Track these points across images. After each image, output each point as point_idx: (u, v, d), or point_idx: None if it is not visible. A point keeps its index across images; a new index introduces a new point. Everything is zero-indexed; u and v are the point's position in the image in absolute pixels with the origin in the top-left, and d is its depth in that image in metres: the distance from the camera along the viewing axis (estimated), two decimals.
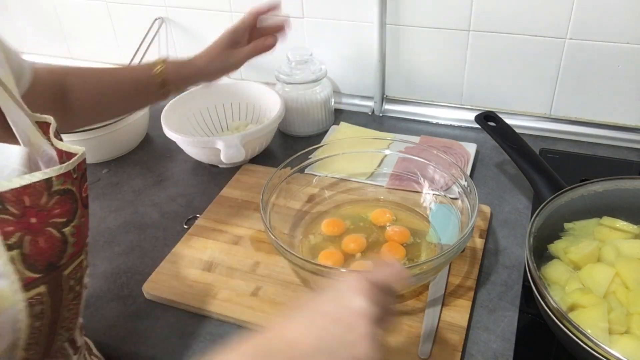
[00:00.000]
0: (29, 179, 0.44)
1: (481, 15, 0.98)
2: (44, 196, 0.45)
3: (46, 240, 0.45)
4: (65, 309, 0.50)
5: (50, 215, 0.46)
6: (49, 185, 0.46)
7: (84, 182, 0.51)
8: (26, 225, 0.44)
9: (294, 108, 1.06)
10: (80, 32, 1.38)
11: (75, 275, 0.50)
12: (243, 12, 1.17)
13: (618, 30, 0.91)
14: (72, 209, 0.48)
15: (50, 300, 0.46)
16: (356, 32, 1.09)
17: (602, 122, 1.01)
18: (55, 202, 0.46)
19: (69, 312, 0.51)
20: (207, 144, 0.94)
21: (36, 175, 0.45)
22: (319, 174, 0.88)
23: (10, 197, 0.43)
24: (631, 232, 0.70)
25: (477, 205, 0.71)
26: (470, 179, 0.75)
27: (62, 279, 0.48)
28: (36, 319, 0.45)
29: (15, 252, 0.43)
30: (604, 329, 0.57)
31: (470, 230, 0.68)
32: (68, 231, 0.47)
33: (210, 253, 0.80)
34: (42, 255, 0.45)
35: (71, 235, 0.48)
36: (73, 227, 0.48)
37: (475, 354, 0.65)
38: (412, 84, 1.12)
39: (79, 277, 0.51)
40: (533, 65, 1.00)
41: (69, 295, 0.49)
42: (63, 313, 0.50)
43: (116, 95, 0.82)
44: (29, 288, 0.44)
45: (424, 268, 0.66)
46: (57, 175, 0.46)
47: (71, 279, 0.49)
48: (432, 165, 0.84)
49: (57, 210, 0.46)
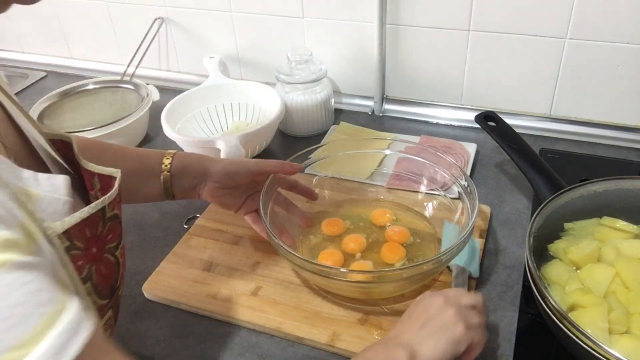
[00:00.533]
0: (88, 211, 0.45)
1: (481, 15, 0.98)
2: (100, 225, 0.46)
3: (106, 267, 0.47)
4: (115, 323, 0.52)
5: (105, 242, 0.47)
6: (103, 213, 0.47)
7: (120, 203, 0.52)
8: (90, 256, 0.45)
9: (294, 108, 1.06)
10: (80, 32, 1.38)
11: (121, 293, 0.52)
12: (243, 12, 1.17)
13: (618, 30, 0.91)
14: (120, 231, 0.50)
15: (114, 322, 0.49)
16: (356, 32, 1.09)
17: (602, 122, 1.01)
18: (108, 229, 0.48)
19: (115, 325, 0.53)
20: (207, 144, 0.94)
21: (92, 206, 0.46)
22: (319, 173, 0.88)
23: (75, 233, 0.43)
24: (631, 232, 0.70)
25: (477, 205, 0.71)
26: (471, 179, 0.75)
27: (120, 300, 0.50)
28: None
29: (88, 284, 0.45)
30: (604, 329, 0.57)
31: (470, 230, 0.68)
32: (119, 253, 0.49)
33: (210, 253, 0.80)
34: (106, 281, 0.46)
35: (120, 257, 0.49)
36: (121, 249, 0.50)
37: None
38: (412, 84, 1.11)
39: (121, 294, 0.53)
40: (533, 65, 1.00)
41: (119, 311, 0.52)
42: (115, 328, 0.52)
43: None
44: (102, 315, 0.46)
45: (424, 268, 0.66)
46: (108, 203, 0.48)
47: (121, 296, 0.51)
48: (432, 165, 0.84)
49: (110, 236, 0.48)
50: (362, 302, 0.70)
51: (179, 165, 0.73)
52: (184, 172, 0.74)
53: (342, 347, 0.66)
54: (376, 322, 0.68)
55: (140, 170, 0.73)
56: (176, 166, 0.73)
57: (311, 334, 0.67)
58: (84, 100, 1.13)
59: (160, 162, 0.73)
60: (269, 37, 1.17)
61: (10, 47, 1.50)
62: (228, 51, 1.23)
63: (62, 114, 1.08)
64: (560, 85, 1.00)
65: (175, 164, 0.73)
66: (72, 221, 0.43)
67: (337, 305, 0.71)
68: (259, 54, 1.21)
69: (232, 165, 0.75)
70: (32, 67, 1.45)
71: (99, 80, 1.16)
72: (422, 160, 0.85)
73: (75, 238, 0.43)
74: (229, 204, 0.78)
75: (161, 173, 0.73)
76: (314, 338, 0.67)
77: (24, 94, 1.34)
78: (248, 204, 0.78)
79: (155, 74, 1.32)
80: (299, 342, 0.68)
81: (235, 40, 1.21)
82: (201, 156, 0.76)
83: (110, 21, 1.31)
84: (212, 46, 1.24)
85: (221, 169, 0.74)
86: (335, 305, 0.71)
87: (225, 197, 0.76)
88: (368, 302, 0.70)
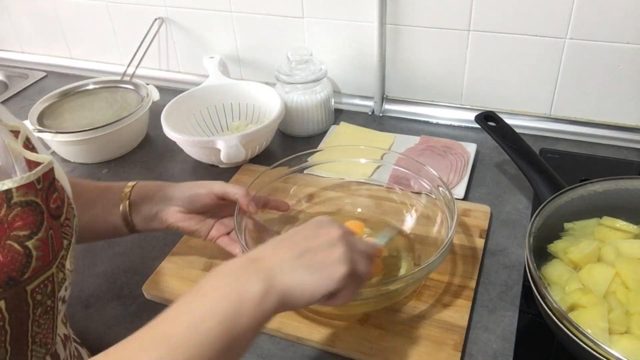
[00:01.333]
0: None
1: (481, 15, 0.98)
2: (3, 208, 0.43)
3: (6, 254, 0.43)
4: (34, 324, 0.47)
5: (11, 228, 0.44)
6: (8, 197, 0.44)
7: (52, 193, 0.49)
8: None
9: (294, 108, 1.06)
10: (80, 32, 1.38)
11: (43, 290, 0.47)
12: (243, 12, 1.17)
13: (618, 30, 0.91)
14: (37, 220, 0.45)
15: (10, 316, 0.44)
16: (356, 32, 1.09)
17: (602, 122, 1.01)
18: (17, 214, 0.44)
19: (39, 327, 0.48)
20: (207, 144, 0.94)
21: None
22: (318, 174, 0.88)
23: None
24: (631, 232, 0.70)
25: (456, 217, 0.68)
26: (450, 191, 0.73)
27: (27, 294, 0.45)
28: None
29: None
30: (604, 329, 0.57)
31: (449, 242, 0.65)
32: (32, 244, 0.45)
33: (210, 253, 0.80)
34: (1, 269, 0.43)
35: (35, 249, 0.45)
36: (38, 240, 0.45)
37: (475, 354, 0.65)
38: (412, 84, 1.12)
39: (49, 291, 0.48)
40: (533, 65, 1.00)
41: (38, 309, 0.47)
42: (32, 329, 0.47)
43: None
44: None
45: (402, 284, 0.63)
46: (17, 187, 0.44)
47: (38, 293, 0.46)
48: (413, 175, 0.81)
49: (18, 222, 0.44)
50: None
51: (139, 192, 0.72)
52: (144, 199, 0.72)
53: (342, 348, 0.66)
54: (376, 322, 0.68)
55: (101, 200, 0.71)
56: (136, 193, 0.72)
57: (311, 334, 0.67)
58: (84, 100, 1.13)
59: (121, 192, 0.72)
60: (269, 37, 1.17)
61: (10, 47, 1.50)
62: (228, 51, 1.23)
63: (62, 114, 1.08)
64: (560, 85, 1.00)
65: (135, 191, 0.72)
66: None
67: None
68: (259, 54, 1.21)
69: (193, 187, 0.72)
70: (32, 67, 1.45)
71: (99, 80, 1.16)
72: (404, 170, 0.82)
73: None
74: (196, 229, 0.74)
75: (121, 202, 0.71)
76: (314, 338, 0.67)
77: (24, 94, 1.34)
78: (217, 228, 0.75)
79: (155, 74, 1.32)
80: (299, 342, 0.68)
81: (235, 40, 1.21)
82: (162, 183, 0.74)
83: (110, 21, 1.31)
84: (212, 46, 1.24)
85: (182, 191, 0.72)
86: None
87: (191, 221, 0.73)
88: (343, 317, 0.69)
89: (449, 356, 0.64)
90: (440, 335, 0.66)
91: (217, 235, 0.75)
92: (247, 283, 0.44)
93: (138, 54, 1.23)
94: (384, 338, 0.66)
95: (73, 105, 1.11)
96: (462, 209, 0.85)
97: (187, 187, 0.73)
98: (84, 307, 0.75)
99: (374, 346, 0.65)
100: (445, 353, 0.64)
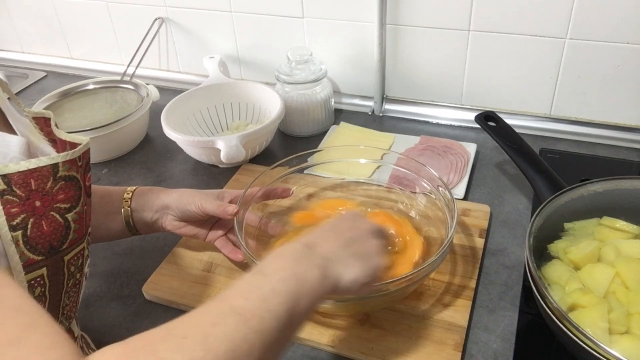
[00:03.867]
0: (37, 162, 0.46)
1: (481, 15, 0.98)
2: (50, 181, 0.46)
3: (49, 224, 0.46)
4: (66, 295, 0.51)
5: (55, 200, 0.47)
6: (55, 170, 0.47)
7: (87, 171, 0.52)
8: (31, 208, 0.45)
9: (294, 108, 1.06)
10: (80, 32, 1.38)
11: (76, 262, 0.50)
12: (243, 12, 1.17)
13: (618, 30, 0.91)
14: (76, 195, 0.49)
15: (50, 283, 0.47)
16: (356, 32, 1.09)
17: (602, 122, 1.01)
18: (60, 188, 0.47)
19: (69, 299, 0.52)
20: (207, 144, 0.94)
21: (43, 160, 0.46)
22: (318, 174, 0.88)
23: (17, 180, 0.44)
24: (631, 232, 0.70)
25: (456, 217, 0.69)
26: (451, 191, 0.73)
27: (64, 264, 0.49)
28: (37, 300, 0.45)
29: (18, 233, 0.44)
30: (604, 329, 0.57)
31: (449, 242, 0.65)
32: (71, 217, 0.48)
33: (210, 253, 0.80)
34: (44, 238, 0.46)
35: (73, 222, 0.49)
36: (76, 214, 0.49)
37: (475, 354, 0.65)
38: (412, 84, 1.12)
39: (79, 264, 0.51)
40: (533, 65, 1.00)
41: (70, 281, 0.50)
42: (64, 299, 0.51)
43: None
44: (31, 270, 0.45)
45: (402, 284, 0.63)
46: (63, 162, 0.48)
47: (72, 265, 0.50)
48: (414, 175, 0.81)
49: (61, 195, 0.47)
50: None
51: (138, 199, 0.73)
52: (144, 206, 0.73)
53: (342, 348, 0.66)
54: (376, 322, 0.68)
55: (102, 206, 0.72)
56: (136, 200, 0.73)
57: (311, 334, 0.67)
58: (84, 100, 1.13)
59: (121, 198, 0.73)
60: (269, 37, 1.17)
61: (10, 47, 1.50)
62: (228, 51, 1.23)
63: (62, 114, 1.08)
64: (560, 85, 1.00)
65: (135, 199, 0.73)
66: (16, 167, 0.44)
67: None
68: (259, 54, 1.21)
69: (185, 203, 0.73)
70: (32, 67, 1.45)
71: (99, 80, 1.16)
72: (404, 170, 0.82)
73: (15, 185, 0.44)
74: (195, 234, 0.76)
75: (122, 208, 0.73)
76: (314, 338, 0.67)
77: (24, 94, 1.34)
78: (215, 231, 0.77)
79: (155, 74, 1.32)
80: (299, 342, 0.68)
81: (235, 40, 1.21)
82: (160, 190, 0.75)
83: (110, 21, 1.31)
84: (212, 46, 1.24)
85: (177, 203, 0.73)
86: None
87: (187, 227, 0.75)
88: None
89: (449, 356, 0.64)
90: (440, 335, 0.66)
91: (214, 237, 0.77)
92: (307, 268, 0.47)
93: (138, 54, 1.23)
94: (384, 338, 0.66)
95: (73, 105, 1.11)
96: (462, 209, 0.85)
97: (180, 199, 0.73)
98: (84, 307, 0.75)
99: (374, 346, 0.65)
100: (445, 353, 0.64)
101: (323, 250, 0.51)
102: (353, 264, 0.51)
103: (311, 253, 0.50)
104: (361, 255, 0.52)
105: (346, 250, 0.52)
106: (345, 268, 0.50)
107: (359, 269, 0.51)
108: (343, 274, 0.50)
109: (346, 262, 0.51)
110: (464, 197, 0.89)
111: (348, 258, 0.51)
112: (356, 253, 0.52)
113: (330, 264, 0.49)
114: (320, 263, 0.49)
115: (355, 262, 0.51)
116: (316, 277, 0.47)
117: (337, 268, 0.50)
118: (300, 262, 0.48)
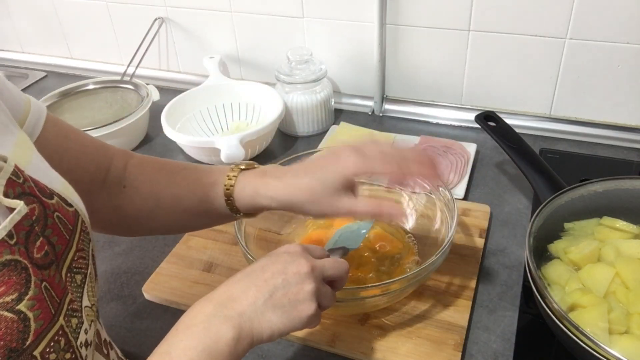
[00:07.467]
0: None
1: (481, 15, 0.98)
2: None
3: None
4: None
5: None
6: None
7: (33, 242, 0.41)
8: None
9: (294, 108, 1.06)
10: (80, 32, 1.38)
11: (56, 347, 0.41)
12: (243, 12, 1.17)
13: (618, 30, 0.91)
14: (21, 280, 0.39)
15: None
16: (356, 32, 1.09)
17: (602, 122, 1.01)
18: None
19: None
20: (207, 144, 0.94)
21: None
22: None
23: None
24: (631, 232, 0.70)
25: (457, 217, 0.68)
26: (451, 191, 0.73)
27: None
28: None
29: None
30: (604, 329, 0.57)
31: (448, 245, 0.65)
32: (25, 306, 0.39)
33: (210, 253, 0.80)
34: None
35: (31, 309, 0.39)
36: (30, 300, 0.39)
37: (475, 354, 0.65)
38: (412, 84, 1.12)
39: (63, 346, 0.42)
40: (533, 65, 1.00)
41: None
42: None
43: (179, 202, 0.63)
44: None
45: (402, 284, 0.63)
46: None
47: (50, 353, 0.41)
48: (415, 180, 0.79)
49: (1, 288, 0.38)
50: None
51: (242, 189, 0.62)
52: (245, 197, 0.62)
53: (342, 347, 0.66)
54: (376, 322, 0.68)
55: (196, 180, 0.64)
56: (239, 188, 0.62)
57: (311, 334, 0.67)
58: (84, 100, 1.13)
59: (222, 180, 0.63)
60: (269, 37, 1.17)
61: (10, 47, 1.50)
62: (228, 51, 1.23)
63: (62, 114, 1.08)
64: (560, 85, 1.00)
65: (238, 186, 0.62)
66: None
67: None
68: (259, 54, 1.21)
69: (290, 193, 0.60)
70: (32, 67, 1.45)
71: (99, 80, 1.16)
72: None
73: None
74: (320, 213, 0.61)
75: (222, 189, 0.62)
76: (314, 338, 0.67)
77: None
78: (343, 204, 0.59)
79: (155, 74, 1.32)
80: (299, 342, 0.68)
81: (235, 40, 1.21)
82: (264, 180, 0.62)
83: (110, 21, 1.31)
84: (212, 46, 1.24)
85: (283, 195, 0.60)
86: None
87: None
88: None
89: (449, 356, 0.64)
90: (440, 335, 0.66)
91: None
92: (220, 332, 0.46)
93: (138, 54, 1.23)
94: (384, 338, 0.66)
95: (73, 105, 1.11)
96: (462, 209, 0.85)
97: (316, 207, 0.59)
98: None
99: (374, 346, 0.66)
100: (445, 353, 0.64)
101: (240, 306, 0.48)
102: (270, 319, 0.48)
103: (225, 313, 0.47)
104: (284, 305, 0.48)
105: (266, 303, 0.48)
106: (261, 324, 0.47)
107: (277, 323, 0.48)
108: (260, 331, 0.47)
109: (264, 317, 0.48)
110: (464, 197, 0.89)
111: (266, 312, 0.48)
112: (277, 304, 0.48)
113: (246, 321, 0.47)
114: (236, 323, 0.46)
115: (273, 316, 0.48)
116: (230, 338, 0.45)
117: (253, 325, 0.47)
118: (210, 329, 0.46)
